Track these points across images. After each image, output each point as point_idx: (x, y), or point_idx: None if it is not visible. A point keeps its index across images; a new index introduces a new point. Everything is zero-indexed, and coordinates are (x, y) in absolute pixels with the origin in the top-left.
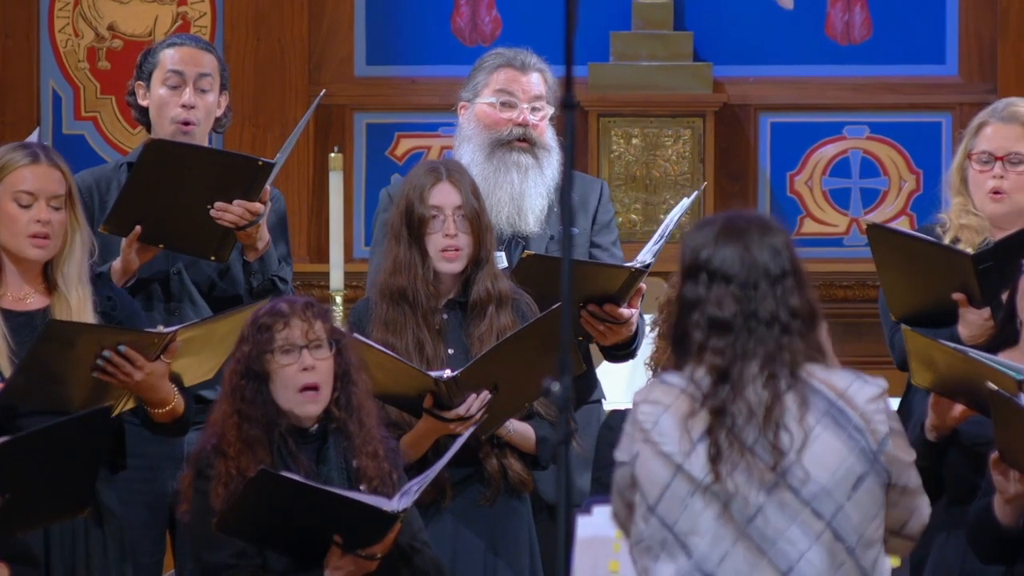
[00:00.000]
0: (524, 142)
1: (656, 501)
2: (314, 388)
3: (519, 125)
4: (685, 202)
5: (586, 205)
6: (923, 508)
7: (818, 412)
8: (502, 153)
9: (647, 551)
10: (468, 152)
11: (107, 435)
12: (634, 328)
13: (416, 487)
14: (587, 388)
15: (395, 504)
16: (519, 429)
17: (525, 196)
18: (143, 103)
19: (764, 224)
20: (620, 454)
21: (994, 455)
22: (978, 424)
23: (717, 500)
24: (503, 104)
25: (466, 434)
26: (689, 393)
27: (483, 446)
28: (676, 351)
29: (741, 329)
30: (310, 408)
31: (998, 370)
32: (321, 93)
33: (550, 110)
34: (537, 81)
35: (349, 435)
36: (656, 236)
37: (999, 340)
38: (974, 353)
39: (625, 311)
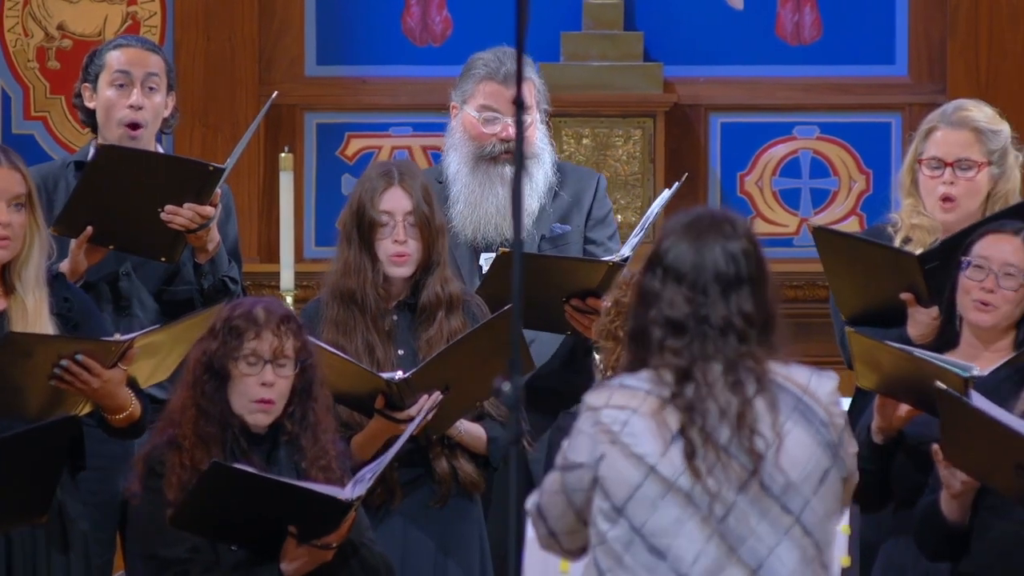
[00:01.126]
0: (509, 154)
1: (624, 502)
2: (269, 402)
3: (502, 140)
4: (666, 194)
5: (580, 201)
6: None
7: (787, 409)
8: (486, 167)
9: (610, 553)
10: (455, 161)
11: (68, 442)
12: None
13: (369, 475)
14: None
15: (349, 492)
16: (470, 430)
17: (509, 206)
18: (90, 105)
19: (729, 226)
20: (577, 455)
21: (935, 448)
22: (924, 425)
23: (690, 501)
24: (486, 120)
25: (418, 419)
26: (656, 394)
27: (433, 447)
28: (635, 346)
29: (695, 332)
30: (260, 418)
31: (945, 368)
32: (273, 95)
33: (537, 116)
34: (523, 91)
35: (301, 448)
36: (636, 230)
37: (940, 342)
38: (919, 352)
39: (608, 304)
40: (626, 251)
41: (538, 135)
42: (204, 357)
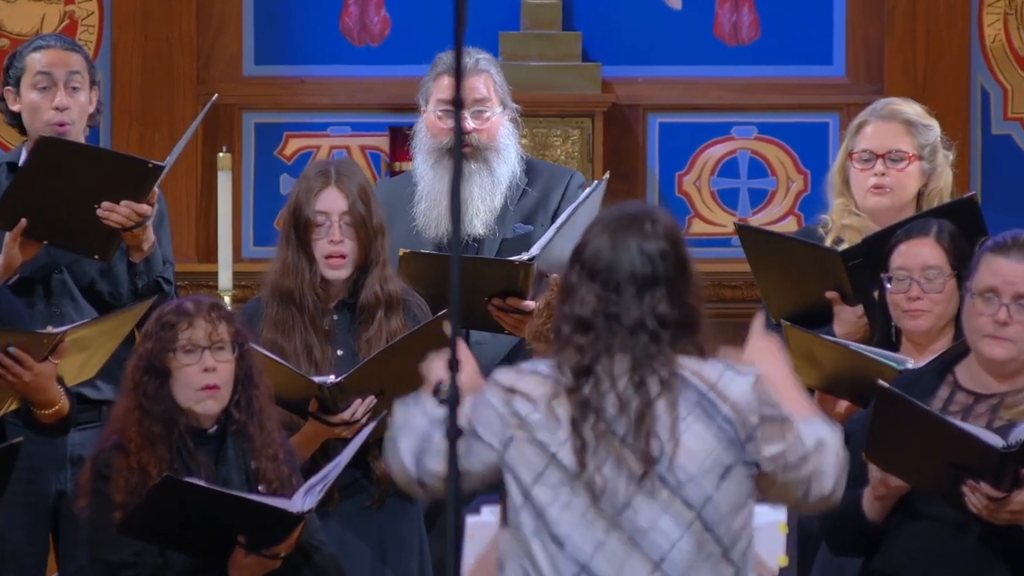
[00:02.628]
0: (468, 147)
1: (530, 488)
2: (214, 387)
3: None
4: (584, 194)
5: (547, 200)
6: (820, 468)
7: (688, 403)
8: (446, 162)
9: (523, 539)
10: (421, 161)
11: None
12: None
13: (319, 487)
14: None
15: (299, 504)
16: None
17: (471, 201)
18: (14, 108)
19: (651, 225)
20: (485, 432)
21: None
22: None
23: (588, 491)
24: (443, 113)
25: (365, 432)
26: (556, 380)
27: (372, 448)
28: (554, 338)
29: (603, 330)
30: (209, 404)
31: (880, 362)
32: (214, 97)
33: (498, 110)
34: (478, 84)
35: (249, 438)
36: (551, 230)
37: (880, 345)
38: (855, 346)
39: (530, 303)
40: (535, 251)
41: (502, 130)
42: (142, 360)
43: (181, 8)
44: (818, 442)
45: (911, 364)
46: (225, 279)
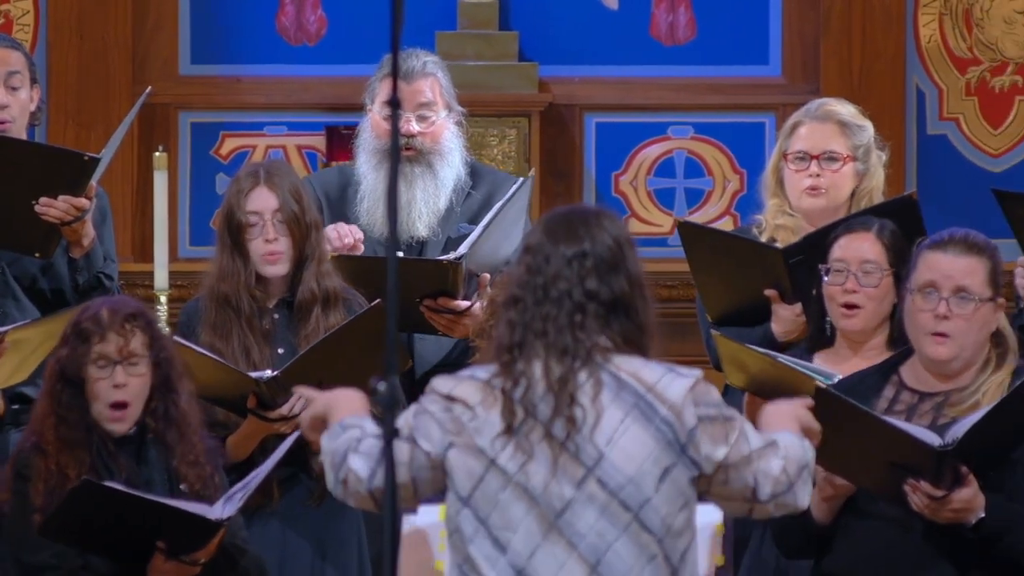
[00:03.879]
0: (411, 150)
1: (470, 494)
2: (123, 406)
3: (404, 135)
4: (509, 193)
5: (491, 202)
6: (767, 467)
7: (626, 405)
8: (388, 164)
9: (459, 544)
10: (364, 161)
11: None
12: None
13: (240, 495)
14: None
15: (219, 512)
16: None
17: (413, 203)
18: None
19: (596, 218)
20: (425, 440)
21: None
22: None
23: (527, 495)
24: (387, 116)
25: (290, 439)
26: (498, 388)
27: (311, 445)
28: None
29: (530, 302)
30: (116, 427)
31: (806, 375)
32: (147, 91)
33: (443, 114)
34: (424, 88)
35: (167, 444)
36: (478, 229)
37: (814, 343)
38: (782, 358)
39: (461, 303)
40: (463, 249)
41: (447, 134)
42: (57, 365)
43: (117, 8)
44: (764, 444)
45: (839, 377)
46: (161, 279)
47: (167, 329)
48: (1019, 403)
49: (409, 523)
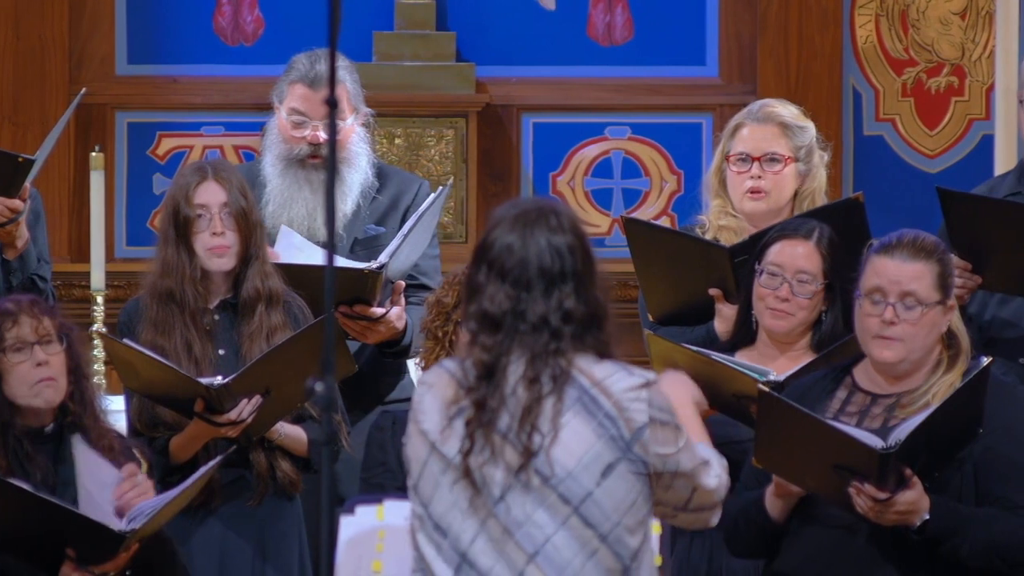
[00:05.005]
0: (316, 158)
1: (417, 479)
2: (51, 379)
3: (310, 143)
4: (430, 199)
5: (397, 204)
6: (706, 483)
7: (570, 399)
8: (295, 171)
9: (413, 531)
10: (269, 162)
11: None
12: (401, 325)
13: (149, 511)
14: (388, 387)
15: (123, 524)
16: (290, 432)
17: (318, 210)
18: None
19: (556, 220)
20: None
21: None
22: (724, 424)
23: (468, 481)
24: (294, 123)
25: (212, 464)
26: (456, 378)
27: (255, 445)
28: (462, 334)
29: (510, 328)
30: (49, 394)
31: (742, 373)
32: (82, 92)
33: (350, 119)
34: (334, 92)
35: (85, 429)
36: (397, 237)
37: (737, 339)
38: (717, 356)
39: (377, 310)
40: (383, 258)
41: (354, 138)
42: None
43: (53, 7)
44: (707, 459)
45: (773, 375)
46: (98, 279)
47: (104, 329)
48: (961, 405)
49: (347, 524)
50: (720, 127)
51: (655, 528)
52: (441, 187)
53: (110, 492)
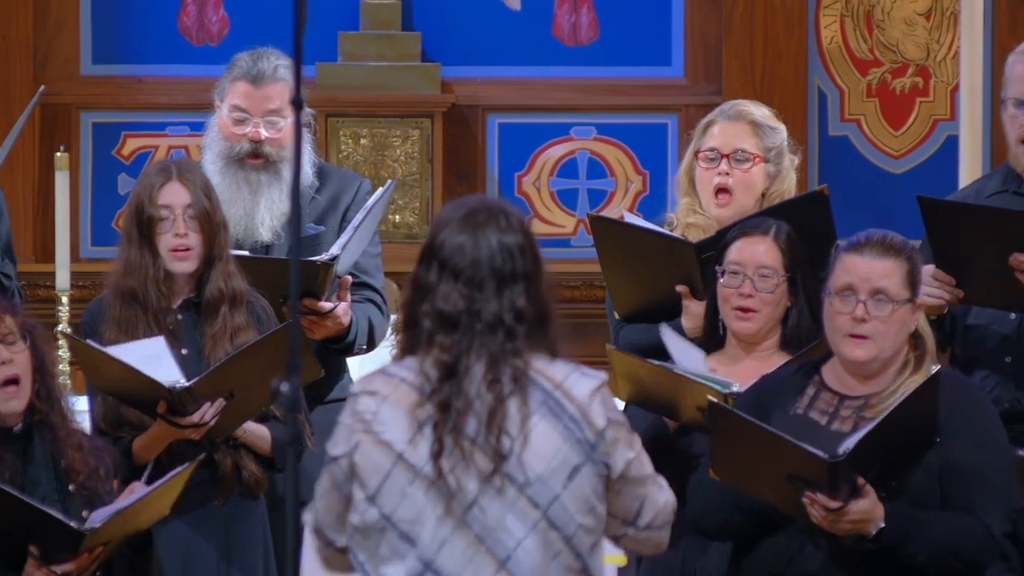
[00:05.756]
0: (257, 157)
1: (376, 490)
2: (14, 382)
3: (252, 141)
4: (378, 193)
5: (337, 203)
6: (655, 496)
7: (535, 402)
8: (234, 170)
9: (365, 542)
10: (209, 159)
11: None
12: (347, 321)
13: (109, 513)
14: (327, 386)
15: (83, 523)
16: (255, 431)
17: (257, 210)
18: None
19: (505, 219)
20: (335, 448)
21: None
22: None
23: (435, 489)
24: (235, 120)
25: (180, 469)
26: (411, 383)
27: (218, 446)
28: (406, 335)
29: (466, 328)
30: (13, 404)
31: (705, 385)
32: (40, 90)
33: (291, 119)
34: (274, 94)
35: (53, 427)
36: (348, 230)
37: (705, 343)
38: (679, 369)
39: (325, 304)
40: (335, 250)
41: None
42: None
43: (18, 7)
44: (653, 473)
45: (736, 387)
46: (63, 279)
47: (69, 329)
48: (911, 413)
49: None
50: (686, 127)
51: None
52: (390, 180)
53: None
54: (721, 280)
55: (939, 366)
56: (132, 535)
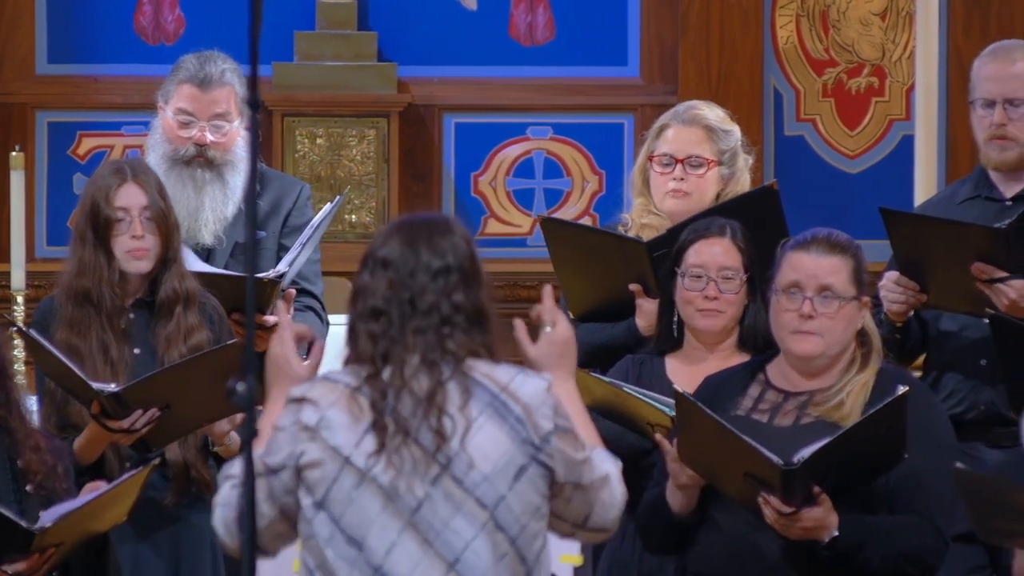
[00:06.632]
0: (202, 159)
1: (324, 496)
2: None
3: (197, 144)
4: (327, 208)
5: (279, 208)
6: (606, 500)
7: (481, 403)
8: (179, 170)
9: (314, 550)
10: (154, 161)
11: None
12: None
13: (60, 513)
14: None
15: (37, 523)
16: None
17: (200, 210)
18: None
19: (445, 224)
20: (276, 457)
21: (659, 437)
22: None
23: (382, 492)
24: (181, 123)
25: (133, 473)
26: (352, 386)
27: (172, 446)
28: (348, 342)
29: (396, 316)
30: None
31: (650, 405)
32: None
33: (236, 123)
34: (220, 98)
35: (11, 430)
36: (296, 245)
37: (662, 345)
38: (627, 388)
39: (269, 319)
40: (282, 267)
41: (239, 142)
42: None
43: None
44: (606, 473)
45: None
46: (18, 279)
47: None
48: (876, 429)
49: None
50: (641, 127)
51: None
52: (339, 196)
53: None
54: (682, 283)
55: (905, 388)
56: (88, 539)
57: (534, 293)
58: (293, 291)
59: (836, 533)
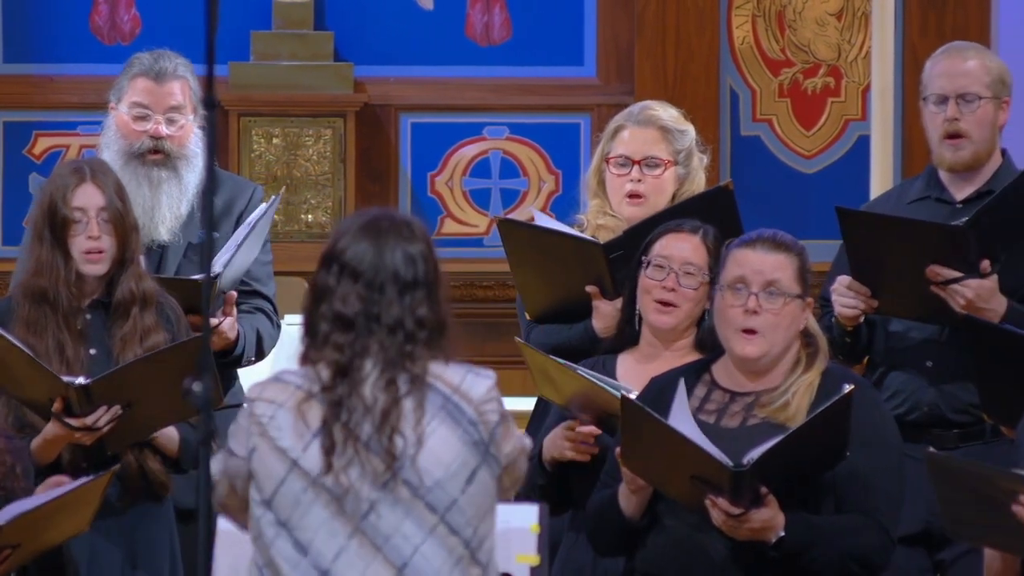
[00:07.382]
0: (158, 154)
1: (271, 496)
2: None
3: (152, 137)
4: (262, 208)
5: (231, 209)
6: (523, 466)
7: (434, 408)
8: (135, 166)
9: (262, 548)
10: (108, 159)
11: None
12: (234, 335)
13: (16, 511)
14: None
15: None
16: (163, 431)
17: (157, 208)
18: None
19: (408, 229)
20: (236, 446)
21: (618, 449)
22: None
23: (330, 496)
24: (136, 117)
25: (94, 477)
26: (306, 389)
27: (129, 447)
28: (305, 340)
29: (363, 329)
30: None
31: (604, 388)
32: None
33: (191, 117)
34: (175, 91)
35: None
36: (229, 245)
37: (620, 341)
38: (582, 371)
39: (212, 320)
40: (217, 268)
41: (193, 138)
42: None
43: None
44: (523, 445)
45: (634, 393)
46: None
47: None
48: (822, 428)
49: (223, 525)
50: (598, 127)
51: (533, 528)
52: (274, 196)
53: None
54: (645, 272)
55: (851, 387)
56: (46, 550)
57: (491, 293)
58: (234, 293)
59: (783, 533)
